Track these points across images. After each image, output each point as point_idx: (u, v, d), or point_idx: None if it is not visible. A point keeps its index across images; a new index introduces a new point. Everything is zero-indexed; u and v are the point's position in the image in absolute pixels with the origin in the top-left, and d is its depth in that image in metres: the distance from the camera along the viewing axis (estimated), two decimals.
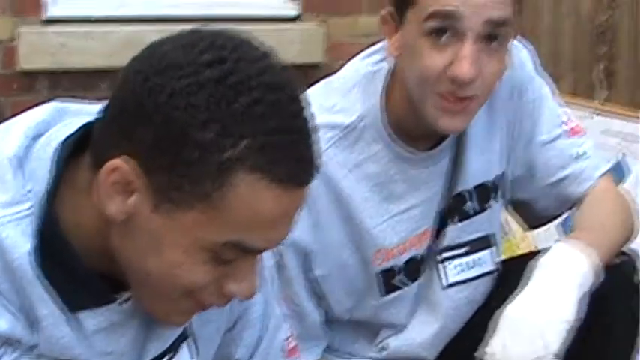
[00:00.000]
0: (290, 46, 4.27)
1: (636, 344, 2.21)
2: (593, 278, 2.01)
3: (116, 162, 1.35)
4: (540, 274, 2.00)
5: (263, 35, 4.58)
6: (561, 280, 1.99)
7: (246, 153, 1.32)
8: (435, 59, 1.96)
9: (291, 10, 4.42)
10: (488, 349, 1.96)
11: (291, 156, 1.35)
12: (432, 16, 1.94)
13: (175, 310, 1.47)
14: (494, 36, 1.97)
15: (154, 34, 1.44)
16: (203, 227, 1.35)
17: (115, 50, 4.02)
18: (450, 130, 2.06)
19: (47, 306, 1.40)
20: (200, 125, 1.31)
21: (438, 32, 1.95)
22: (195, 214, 1.34)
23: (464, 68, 1.94)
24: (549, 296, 1.97)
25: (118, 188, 1.36)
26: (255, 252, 1.41)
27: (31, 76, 4.06)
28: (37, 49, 4.03)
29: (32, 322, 1.41)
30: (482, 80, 1.98)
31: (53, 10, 4.13)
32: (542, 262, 2.02)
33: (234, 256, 1.39)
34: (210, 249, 1.37)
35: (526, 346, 1.94)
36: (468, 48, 1.94)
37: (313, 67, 4.22)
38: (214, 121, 1.31)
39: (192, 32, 1.41)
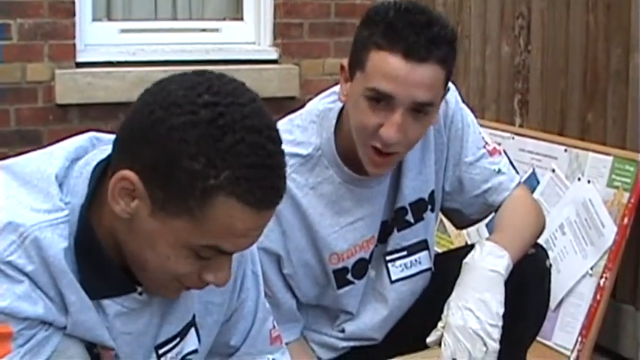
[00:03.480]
0: (271, 83, 4.28)
1: (546, 314, 2.22)
2: (506, 273, 2.01)
3: (124, 172, 1.36)
4: (470, 279, 1.99)
5: (250, 74, 4.56)
6: (489, 283, 1.98)
7: (225, 182, 1.33)
8: (370, 118, 1.95)
9: (273, 55, 4.40)
10: None
11: (262, 186, 1.35)
12: (372, 89, 1.93)
13: (166, 289, 1.48)
14: (418, 110, 1.95)
15: (161, 73, 1.43)
16: (187, 233, 1.37)
17: (131, 87, 4.01)
18: (376, 175, 2.06)
19: (75, 293, 1.41)
20: (190, 157, 1.32)
21: (376, 99, 1.94)
22: (182, 222, 1.36)
23: (391, 133, 1.93)
24: (481, 300, 1.95)
25: (123, 193, 1.38)
26: (228, 253, 1.43)
27: (65, 109, 4.04)
28: (69, 88, 4.02)
29: (63, 307, 1.41)
30: (406, 140, 1.97)
31: (82, 57, 4.12)
32: (470, 265, 2.01)
33: (211, 254, 1.41)
34: (192, 248, 1.39)
35: (470, 352, 1.92)
36: (397, 117, 1.92)
37: (290, 99, 4.21)
38: (202, 155, 1.32)
39: (196, 74, 1.40)
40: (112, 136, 1.52)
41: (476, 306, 1.94)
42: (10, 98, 4.00)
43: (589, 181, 3.15)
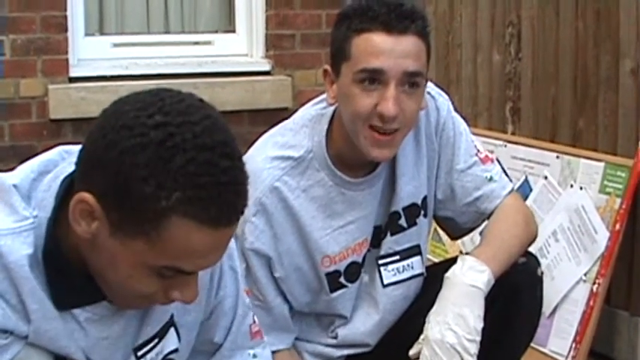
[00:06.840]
0: (264, 95, 4.29)
1: (539, 322, 2.20)
2: (486, 288, 2.00)
3: (82, 195, 1.36)
4: (450, 293, 1.99)
5: (243, 86, 4.53)
6: (468, 298, 1.97)
7: (177, 204, 1.31)
8: (365, 100, 1.97)
9: (265, 66, 4.41)
10: None
11: (216, 204, 1.33)
12: (362, 71, 1.96)
13: (132, 305, 1.50)
14: (411, 83, 1.98)
15: (153, 87, 1.41)
16: (146, 254, 1.36)
17: None
18: (380, 159, 2.06)
19: (37, 301, 1.41)
20: (141, 181, 1.31)
21: (368, 80, 1.97)
22: (140, 243, 1.35)
23: (389, 106, 1.95)
24: (460, 315, 1.95)
25: (83, 215, 1.37)
26: (190, 273, 1.41)
27: (58, 124, 4.04)
28: (63, 102, 4.02)
29: (25, 316, 1.41)
30: (404, 116, 1.99)
31: (75, 71, 4.12)
32: (450, 279, 2.00)
33: (173, 274, 1.40)
34: (153, 269, 1.38)
35: None
36: (391, 91, 1.96)
37: (283, 110, 4.20)
38: (152, 177, 1.31)
39: (149, 94, 1.39)
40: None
41: (454, 321, 1.94)
42: (4, 114, 4.00)
43: (581, 188, 3.14)
